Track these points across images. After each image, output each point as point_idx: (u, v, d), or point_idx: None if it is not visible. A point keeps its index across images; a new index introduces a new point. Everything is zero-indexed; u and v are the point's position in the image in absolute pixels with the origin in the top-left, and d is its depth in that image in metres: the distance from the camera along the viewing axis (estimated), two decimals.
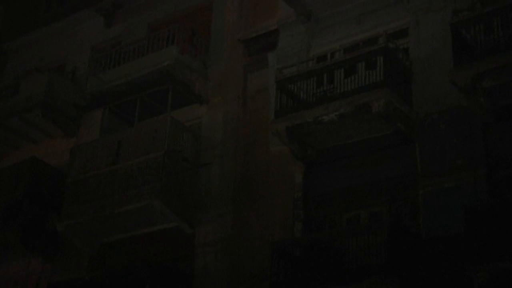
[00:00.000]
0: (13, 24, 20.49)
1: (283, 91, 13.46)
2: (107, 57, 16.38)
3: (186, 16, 16.82)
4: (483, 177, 11.55)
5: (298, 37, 14.75)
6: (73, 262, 15.38)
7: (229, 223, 13.94)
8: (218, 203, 14.21)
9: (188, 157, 14.73)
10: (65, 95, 17.10)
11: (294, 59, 14.21)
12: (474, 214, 10.67)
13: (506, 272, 10.28)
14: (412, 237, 11.60)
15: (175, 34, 15.62)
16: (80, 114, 16.97)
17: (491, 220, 10.44)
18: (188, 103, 15.62)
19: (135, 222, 14.41)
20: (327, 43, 14.40)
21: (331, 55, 14.26)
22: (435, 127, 12.36)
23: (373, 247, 11.14)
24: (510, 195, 11.31)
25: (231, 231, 13.85)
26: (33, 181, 15.95)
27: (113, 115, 16.34)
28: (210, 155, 14.80)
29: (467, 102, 11.99)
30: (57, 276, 15.38)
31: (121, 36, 17.58)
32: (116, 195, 14.23)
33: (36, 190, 15.87)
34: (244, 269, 13.36)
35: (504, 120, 11.90)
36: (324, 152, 13.42)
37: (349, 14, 14.25)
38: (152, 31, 16.86)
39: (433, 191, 11.86)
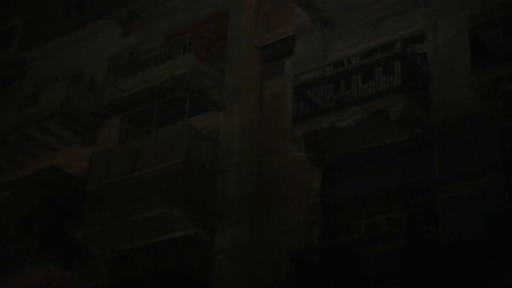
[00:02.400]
0: (32, 34, 20.72)
1: (300, 97, 13.44)
2: (125, 65, 16.49)
3: (203, 23, 16.88)
4: (501, 183, 11.42)
5: (314, 43, 14.74)
6: (92, 269, 15.43)
7: (246, 230, 13.92)
8: (235, 210, 14.20)
9: (205, 165, 14.74)
10: (83, 104, 17.23)
11: (310, 65, 14.18)
12: (495, 219, 10.56)
13: None
14: (431, 243, 11.49)
15: (191, 41, 15.68)
16: (98, 123, 17.07)
17: (511, 226, 10.32)
18: (205, 111, 15.66)
19: (153, 229, 14.44)
20: (344, 48, 14.36)
21: (348, 60, 14.23)
22: (453, 132, 12.26)
23: (391, 253, 11.05)
24: None
25: (249, 238, 13.82)
26: (52, 189, 16.06)
27: (131, 123, 16.44)
28: (227, 162, 14.80)
29: (486, 107, 11.89)
30: (76, 284, 15.45)
31: (138, 44, 17.68)
32: (134, 203, 14.28)
33: (55, 198, 15.97)
34: (261, 276, 13.31)
35: None
36: (342, 158, 13.37)
37: (365, 20, 14.21)
38: (168, 39, 16.94)
39: (452, 197, 11.75)
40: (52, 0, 20.94)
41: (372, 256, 11.21)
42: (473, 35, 11.87)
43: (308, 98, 13.41)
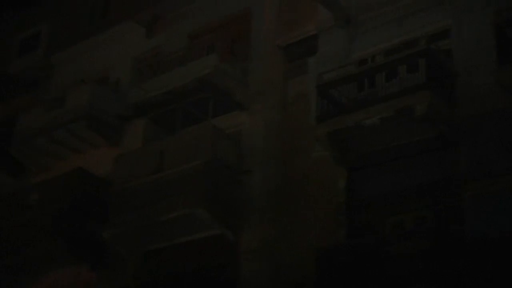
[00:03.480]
0: (58, 38, 20.96)
1: (324, 96, 13.38)
2: (149, 67, 16.61)
3: (225, 24, 16.91)
4: None
5: (337, 42, 14.66)
6: (119, 270, 15.55)
7: (271, 230, 13.90)
8: (260, 210, 14.19)
9: (229, 165, 14.76)
10: (109, 105, 17.36)
11: (334, 64, 14.11)
12: None
13: None
14: (457, 241, 11.36)
15: (214, 42, 15.73)
16: (124, 124, 17.19)
17: None
18: (228, 111, 15.67)
19: (179, 230, 14.50)
20: (367, 46, 14.27)
21: (371, 58, 14.13)
22: (479, 129, 12.10)
23: (417, 252, 10.94)
24: None
25: (274, 238, 13.80)
26: (80, 191, 16.22)
27: (156, 124, 16.53)
28: (252, 162, 14.80)
29: None
30: (103, 284, 15.57)
31: (162, 46, 17.76)
32: (160, 204, 14.35)
33: (82, 200, 16.12)
34: (287, 276, 13.29)
35: None
36: (367, 156, 13.28)
37: (388, 17, 14.09)
38: (192, 40, 17.01)
39: (478, 195, 11.59)
40: (77, 4, 21.17)
41: (398, 255, 11.11)
42: (500, 30, 11.70)
43: (332, 96, 13.35)
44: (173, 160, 14.75)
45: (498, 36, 11.73)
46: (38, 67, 20.68)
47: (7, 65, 21.78)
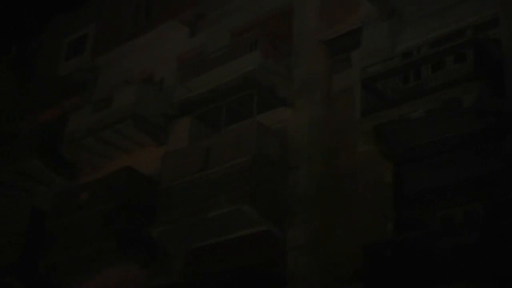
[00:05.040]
0: (104, 40, 21.31)
1: (369, 90, 13.25)
2: (192, 66, 16.72)
3: (268, 20, 16.89)
4: None
5: (381, 34, 14.47)
6: (168, 267, 15.71)
7: (318, 225, 13.84)
8: (306, 206, 14.14)
9: (275, 161, 14.76)
10: (154, 105, 17.55)
11: (378, 57, 13.95)
12: None
13: None
14: (508, 235, 11.08)
15: (257, 39, 15.73)
16: (169, 123, 17.35)
17: None
18: (273, 107, 15.67)
19: (226, 226, 14.57)
20: (412, 38, 14.04)
21: (416, 50, 13.90)
22: None
23: (467, 247, 10.73)
24: None
25: (321, 233, 13.74)
26: (128, 190, 16.45)
27: (201, 122, 16.64)
28: (297, 158, 14.76)
29: None
30: (154, 282, 15.76)
31: (205, 44, 17.87)
32: (206, 201, 14.44)
33: (131, 198, 16.35)
34: (335, 272, 13.22)
35: None
36: (414, 150, 13.08)
37: (433, 8, 13.84)
38: (234, 38, 17.05)
39: None
40: (121, 5, 21.48)
41: (447, 250, 10.92)
42: None
43: (376, 90, 13.20)
44: (219, 157, 14.83)
45: None
46: (85, 69, 21.06)
47: (56, 68, 22.28)
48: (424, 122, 12.52)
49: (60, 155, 18.84)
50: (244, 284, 13.89)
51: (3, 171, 19.65)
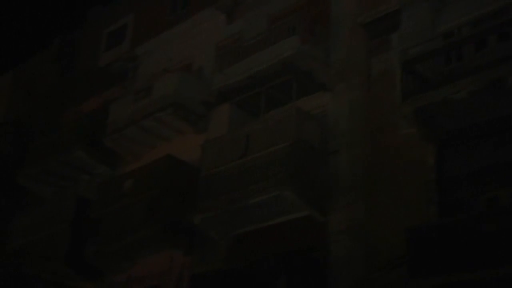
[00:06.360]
0: (143, 29, 21.50)
1: (410, 72, 13.05)
2: (230, 52, 16.74)
3: (305, 5, 16.75)
4: None
5: (421, 15, 14.21)
6: (211, 254, 15.85)
7: (361, 209, 13.77)
8: (348, 190, 14.08)
9: (315, 146, 14.72)
10: (194, 93, 17.66)
11: (419, 39, 13.67)
12: None
13: None
14: None
15: (295, 24, 15.64)
16: (209, 111, 17.45)
17: None
18: (312, 92, 15.60)
19: (267, 212, 14.61)
20: (453, 18, 13.74)
21: (458, 30, 13.63)
22: None
23: None
24: None
25: (364, 217, 13.67)
26: (170, 177, 16.64)
27: (240, 109, 16.67)
28: (337, 142, 14.68)
29: None
30: (198, 268, 15.93)
31: (242, 31, 17.85)
32: (247, 187, 14.49)
33: (173, 186, 16.53)
34: (379, 256, 13.14)
35: None
36: (456, 132, 12.87)
37: None
38: (272, 23, 16.98)
39: None
40: None
41: (493, 232, 10.74)
42: None
43: (417, 72, 13.00)
44: (259, 143, 14.85)
45: None
46: (124, 59, 21.30)
47: (97, 59, 22.59)
48: (467, 104, 12.28)
49: (103, 144, 19.14)
50: (287, 270, 13.92)
51: (49, 161, 20.09)
